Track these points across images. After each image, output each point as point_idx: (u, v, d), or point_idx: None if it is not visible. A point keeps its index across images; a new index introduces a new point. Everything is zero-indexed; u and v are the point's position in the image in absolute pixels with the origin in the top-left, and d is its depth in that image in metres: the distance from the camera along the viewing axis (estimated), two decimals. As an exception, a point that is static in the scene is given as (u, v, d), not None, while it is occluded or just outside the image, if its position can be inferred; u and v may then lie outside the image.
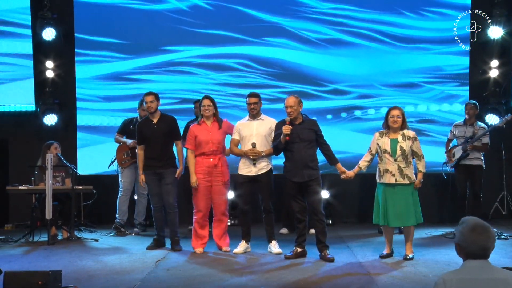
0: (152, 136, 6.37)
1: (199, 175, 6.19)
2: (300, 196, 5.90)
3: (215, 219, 6.33)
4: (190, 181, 6.22)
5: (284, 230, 7.63)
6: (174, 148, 6.54)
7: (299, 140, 5.81)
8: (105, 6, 8.58)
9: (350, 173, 5.93)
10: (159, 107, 6.51)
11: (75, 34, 8.53)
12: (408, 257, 5.72)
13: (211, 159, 6.20)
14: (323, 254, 5.81)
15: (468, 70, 8.47)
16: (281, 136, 5.79)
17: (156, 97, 6.45)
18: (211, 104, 6.23)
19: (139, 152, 6.48)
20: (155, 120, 6.43)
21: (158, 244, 6.42)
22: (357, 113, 8.47)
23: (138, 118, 7.58)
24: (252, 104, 6.17)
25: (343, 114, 8.46)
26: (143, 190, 7.49)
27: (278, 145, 5.85)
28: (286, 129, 5.74)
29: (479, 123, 7.41)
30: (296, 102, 5.85)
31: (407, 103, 8.35)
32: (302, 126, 5.87)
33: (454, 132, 7.46)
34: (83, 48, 8.54)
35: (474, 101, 7.49)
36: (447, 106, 8.47)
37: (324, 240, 5.85)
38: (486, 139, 7.27)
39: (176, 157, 6.49)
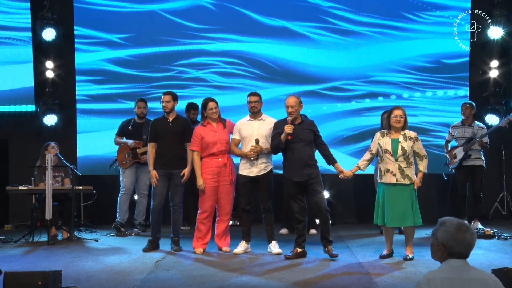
0: (166, 134, 6.36)
1: (208, 175, 6.18)
2: (300, 196, 5.91)
3: (218, 219, 6.32)
4: (197, 184, 6.19)
5: (284, 231, 7.63)
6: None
7: (298, 140, 5.82)
8: (105, 5, 8.58)
9: (348, 173, 5.94)
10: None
11: (75, 27, 8.53)
12: (408, 258, 5.73)
13: (220, 159, 6.20)
14: (327, 249, 5.86)
15: (468, 71, 8.49)
16: (282, 135, 5.79)
17: (174, 97, 6.43)
18: (217, 106, 6.24)
19: (151, 150, 6.41)
20: (170, 119, 6.43)
21: (153, 246, 6.37)
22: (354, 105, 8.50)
23: (135, 118, 7.59)
24: (253, 103, 6.18)
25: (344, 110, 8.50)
26: (144, 190, 7.49)
27: (279, 144, 5.86)
28: (289, 128, 5.75)
29: (477, 122, 7.42)
30: (297, 102, 5.87)
31: (406, 103, 8.37)
32: (301, 126, 5.89)
33: (452, 133, 7.47)
34: (83, 46, 8.58)
35: (470, 101, 7.51)
36: (446, 106, 8.48)
37: (328, 236, 5.90)
38: (486, 139, 7.29)
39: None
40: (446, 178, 7.64)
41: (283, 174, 6.01)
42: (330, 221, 7.81)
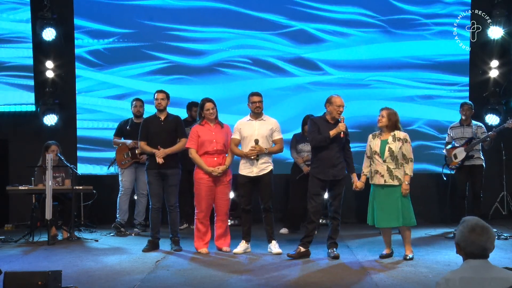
0: (158, 133, 6.35)
1: (204, 175, 6.18)
2: (320, 197, 5.95)
3: (217, 219, 6.32)
4: (212, 173, 6.10)
5: (284, 230, 7.63)
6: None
7: (335, 140, 5.83)
8: (105, 4, 8.62)
9: (360, 184, 5.93)
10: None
11: (75, 25, 8.56)
12: (408, 257, 5.73)
13: (215, 158, 6.20)
14: (330, 250, 5.90)
15: (468, 70, 8.50)
16: (334, 131, 5.74)
17: (167, 95, 6.45)
18: (215, 106, 6.24)
19: (144, 146, 6.38)
20: (162, 118, 6.42)
21: (153, 246, 6.36)
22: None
23: (133, 118, 7.59)
24: (257, 103, 6.18)
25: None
26: (143, 190, 7.49)
27: (327, 139, 5.77)
28: (344, 126, 5.77)
29: (474, 122, 7.43)
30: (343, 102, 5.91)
31: (406, 103, 8.38)
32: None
33: (451, 134, 7.46)
34: (83, 44, 8.61)
35: (470, 102, 7.51)
36: (445, 104, 8.48)
37: (335, 237, 5.96)
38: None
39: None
40: (445, 178, 7.64)
41: (310, 172, 6.01)
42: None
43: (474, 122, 7.42)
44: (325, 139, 5.78)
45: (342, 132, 5.77)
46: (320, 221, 7.61)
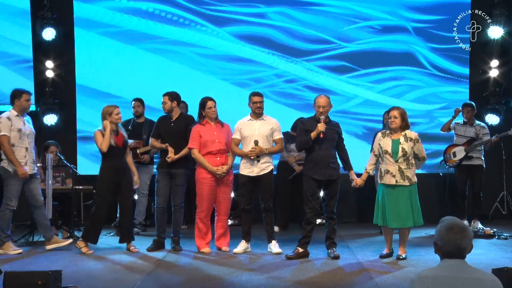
0: (168, 134, 6.35)
1: (207, 174, 6.18)
2: (316, 197, 5.95)
3: (218, 219, 6.33)
4: (216, 174, 6.13)
5: (275, 228, 7.64)
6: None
7: (325, 139, 5.83)
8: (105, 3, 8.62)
9: (359, 181, 5.93)
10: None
11: (75, 24, 8.57)
12: (401, 257, 5.73)
13: (218, 158, 6.20)
14: (330, 250, 5.89)
15: (468, 70, 8.50)
16: (314, 133, 5.75)
17: (171, 97, 6.35)
18: (215, 105, 6.24)
19: (154, 142, 6.43)
20: (173, 118, 6.41)
21: (158, 245, 6.37)
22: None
23: (135, 118, 7.58)
24: (258, 103, 6.18)
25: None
26: (144, 190, 7.49)
27: (308, 142, 5.80)
28: (322, 126, 5.76)
29: (478, 122, 7.44)
30: (328, 102, 5.90)
31: (406, 104, 8.39)
32: (328, 126, 5.87)
33: (453, 129, 7.48)
34: (83, 44, 8.60)
35: (470, 103, 7.50)
36: (445, 104, 8.50)
37: (333, 237, 5.96)
38: (487, 137, 7.31)
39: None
40: (441, 174, 7.65)
41: (304, 173, 6.00)
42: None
43: (477, 122, 7.43)
44: (307, 141, 5.80)
45: (321, 133, 5.76)
46: (320, 221, 7.62)
